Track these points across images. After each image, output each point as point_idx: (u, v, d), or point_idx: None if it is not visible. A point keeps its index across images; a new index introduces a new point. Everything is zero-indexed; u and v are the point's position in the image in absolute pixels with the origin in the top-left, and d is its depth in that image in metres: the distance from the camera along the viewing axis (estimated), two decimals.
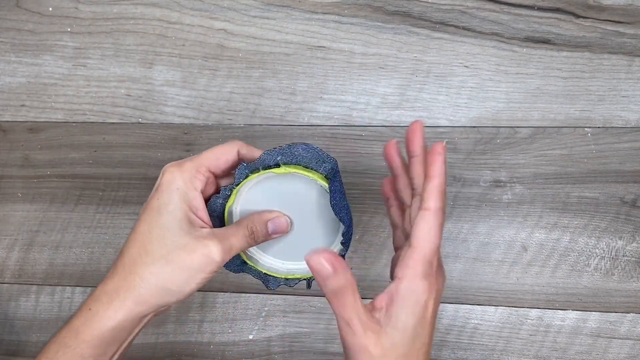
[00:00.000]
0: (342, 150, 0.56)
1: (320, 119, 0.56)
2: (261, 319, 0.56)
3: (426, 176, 0.32)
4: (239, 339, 0.56)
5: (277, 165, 0.35)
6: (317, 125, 0.56)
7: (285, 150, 0.35)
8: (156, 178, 0.57)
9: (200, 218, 0.35)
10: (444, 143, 0.32)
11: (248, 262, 0.40)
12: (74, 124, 0.59)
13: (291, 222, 0.38)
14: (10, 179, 0.60)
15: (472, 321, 0.54)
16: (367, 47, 0.56)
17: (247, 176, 0.36)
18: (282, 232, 0.38)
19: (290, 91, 0.56)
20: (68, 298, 0.58)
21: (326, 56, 0.56)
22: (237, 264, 0.39)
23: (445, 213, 0.33)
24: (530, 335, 0.53)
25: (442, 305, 0.54)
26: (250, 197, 0.38)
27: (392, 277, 0.33)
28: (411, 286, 0.31)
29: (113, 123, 0.58)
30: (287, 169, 0.35)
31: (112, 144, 0.58)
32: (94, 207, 0.58)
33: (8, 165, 0.60)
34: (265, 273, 0.40)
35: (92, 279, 0.58)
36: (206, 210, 0.36)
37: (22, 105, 0.60)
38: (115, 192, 0.58)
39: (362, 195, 0.55)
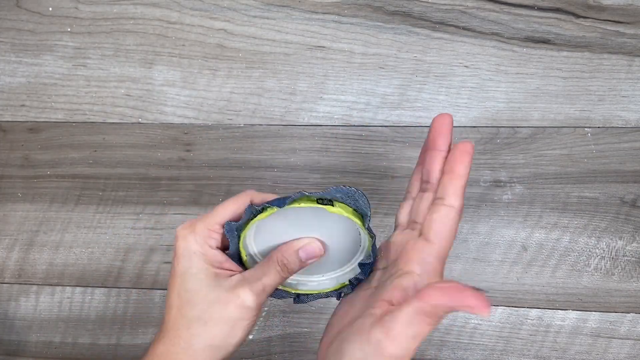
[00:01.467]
0: (342, 150, 0.56)
1: (320, 119, 0.56)
2: (261, 319, 0.56)
3: (452, 173, 0.30)
4: None
5: (331, 203, 0.33)
6: (317, 125, 0.56)
7: (335, 191, 0.33)
8: (156, 178, 0.58)
9: (227, 269, 0.35)
10: (472, 143, 0.31)
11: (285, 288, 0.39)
12: (74, 124, 0.59)
13: (324, 245, 0.36)
14: (10, 179, 0.60)
15: (472, 321, 0.54)
16: (367, 47, 0.56)
17: (259, 212, 0.34)
18: (317, 257, 0.35)
19: (290, 91, 0.56)
20: (68, 298, 0.58)
21: (326, 56, 0.56)
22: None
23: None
24: (530, 335, 0.53)
25: None
26: (265, 235, 0.36)
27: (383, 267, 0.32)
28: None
29: (113, 123, 0.58)
30: (339, 208, 0.33)
31: (112, 144, 0.58)
32: (94, 207, 0.58)
33: (8, 165, 0.60)
34: (302, 293, 0.39)
35: (92, 279, 0.58)
36: (231, 261, 0.36)
37: (22, 105, 0.60)
38: (115, 192, 0.58)
39: None
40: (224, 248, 0.36)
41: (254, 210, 0.34)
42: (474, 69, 0.55)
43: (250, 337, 0.56)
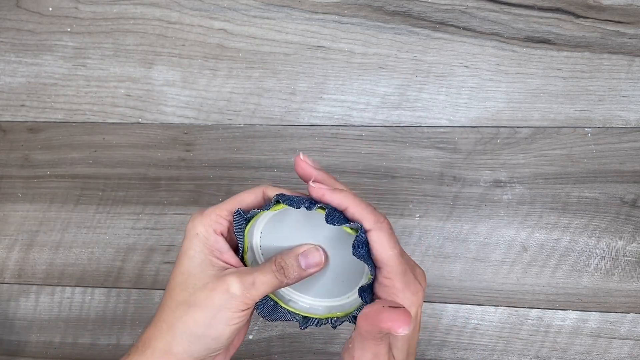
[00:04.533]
0: (342, 150, 0.56)
1: (320, 119, 0.56)
2: (261, 319, 0.56)
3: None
4: None
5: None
6: (317, 125, 0.56)
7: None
8: (156, 178, 0.58)
9: (224, 261, 0.35)
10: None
11: (281, 304, 0.37)
12: (74, 124, 0.59)
13: (326, 255, 0.35)
14: (10, 179, 0.60)
15: (472, 321, 0.54)
16: (367, 47, 0.56)
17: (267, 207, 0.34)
18: (317, 266, 0.34)
19: (290, 91, 0.56)
20: (68, 298, 0.58)
21: (326, 56, 0.56)
22: (270, 306, 0.37)
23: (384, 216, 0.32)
24: (531, 335, 0.53)
25: (442, 305, 0.54)
26: (272, 230, 0.35)
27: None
28: (405, 301, 0.31)
29: (113, 123, 0.58)
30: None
31: (112, 144, 0.58)
32: (94, 207, 0.58)
33: (8, 165, 0.60)
34: (303, 315, 0.37)
35: (92, 279, 0.58)
36: (232, 253, 0.35)
37: (22, 105, 0.60)
38: (115, 192, 0.58)
39: (362, 195, 0.55)
40: (234, 244, 0.36)
41: (263, 206, 0.34)
42: (474, 69, 0.55)
43: (250, 337, 0.56)
